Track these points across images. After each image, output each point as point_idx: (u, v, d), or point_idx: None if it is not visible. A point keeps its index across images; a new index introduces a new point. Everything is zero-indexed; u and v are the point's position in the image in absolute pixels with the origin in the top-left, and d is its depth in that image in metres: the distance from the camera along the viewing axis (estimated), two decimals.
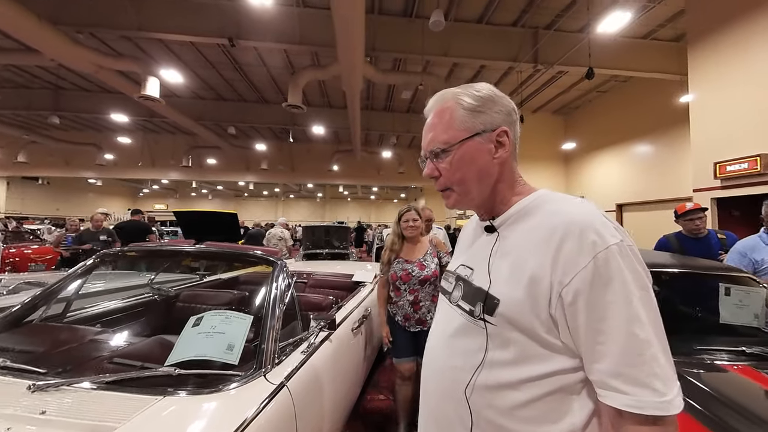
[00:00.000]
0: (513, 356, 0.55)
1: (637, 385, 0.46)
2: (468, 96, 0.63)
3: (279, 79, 9.66)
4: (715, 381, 1.15)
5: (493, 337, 0.57)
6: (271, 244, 5.61)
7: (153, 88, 7.09)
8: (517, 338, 0.55)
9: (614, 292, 0.48)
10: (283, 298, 1.40)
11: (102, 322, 1.75)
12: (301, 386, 1.21)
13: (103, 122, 13.25)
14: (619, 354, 0.47)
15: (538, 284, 0.53)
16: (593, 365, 0.50)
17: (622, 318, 0.48)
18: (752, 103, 4.29)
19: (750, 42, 4.30)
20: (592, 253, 0.50)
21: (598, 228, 0.51)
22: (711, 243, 2.27)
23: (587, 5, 6.22)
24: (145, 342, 1.38)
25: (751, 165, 4.20)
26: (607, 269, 0.49)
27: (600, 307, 0.49)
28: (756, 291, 1.57)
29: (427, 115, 0.68)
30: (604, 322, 0.48)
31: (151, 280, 1.78)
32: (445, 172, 0.64)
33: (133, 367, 1.15)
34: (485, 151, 0.62)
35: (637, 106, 8.97)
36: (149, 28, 6.21)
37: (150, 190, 24.56)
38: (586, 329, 0.50)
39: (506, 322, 0.55)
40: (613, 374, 0.48)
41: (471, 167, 0.63)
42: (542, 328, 0.53)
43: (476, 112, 0.62)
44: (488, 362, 0.57)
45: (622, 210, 9.73)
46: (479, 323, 0.59)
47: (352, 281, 2.78)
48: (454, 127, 0.63)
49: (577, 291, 0.50)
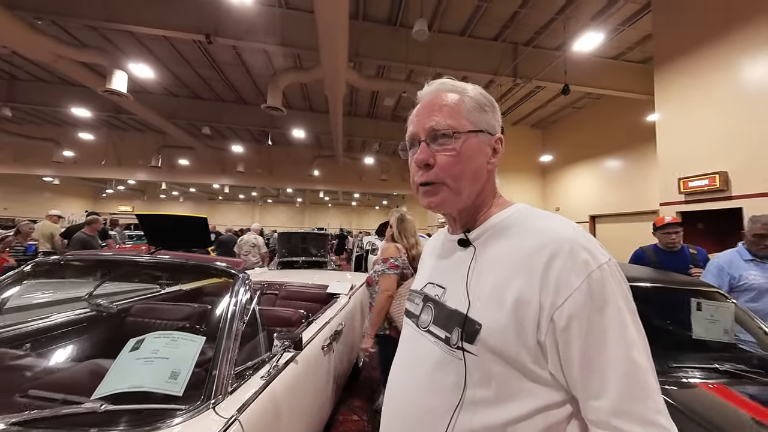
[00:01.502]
0: (495, 393, 0.48)
1: (645, 424, 0.42)
2: (475, 91, 0.59)
3: (259, 80, 9.41)
4: (689, 400, 1.13)
5: (473, 370, 0.49)
6: (243, 252, 5.32)
7: (120, 83, 6.66)
8: (499, 371, 0.48)
9: (610, 317, 0.44)
10: (242, 315, 1.24)
11: (29, 343, 1.51)
12: (258, 418, 1.06)
13: (63, 116, 12.35)
14: (620, 388, 0.43)
15: (525, 307, 0.47)
16: (591, 402, 0.44)
17: (622, 347, 0.43)
18: (713, 123, 4.60)
19: (711, 68, 4.63)
20: (585, 272, 0.45)
21: (588, 246, 0.48)
22: (685, 257, 2.33)
23: (563, 25, 6.52)
24: (73, 369, 1.17)
25: (711, 181, 4.47)
26: (602, 291, 0.45)
27: (597, 334, 0.44)
28: (725, 306, 1.59)
29: (422, 99, 0.61)
30: (603, 352, 0.44)
31: (90, 293, 1.56)
32: (443, 162, 0.55)
33: (51, 401, 0.96)
34: (484, 152, 0.58)
35: (609, 123, 9.48)
36: (118, 19, 5.84)
37: (114, 191, 23.07)
38: (581, 360, 0.44)
39: (488, 350, 0.48)
40: (616, 413, 0.42)
41: (470, 164, 0.56)
42: (529, 358, 0.47)
43: (482, 110, 0.58)
44: (468, 402, 0.49)
45: (595, 221, 10.16)
46: (456, 353, 0.51)
47: (326, 293, 2.63)
48: (462, 116, 0.56)
49: (570, 315, 0.45)
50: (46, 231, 4.63)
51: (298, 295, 2.72)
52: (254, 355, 1.29)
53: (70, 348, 1.51)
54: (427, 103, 0.59)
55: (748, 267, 1.92)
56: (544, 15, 6.39)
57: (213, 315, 1.32)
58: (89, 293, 1.58)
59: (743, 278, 1.90)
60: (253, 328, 1.35)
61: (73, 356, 1.44)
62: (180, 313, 1.76)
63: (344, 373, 2.21)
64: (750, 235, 1.96)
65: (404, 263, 1.77)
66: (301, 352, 1.40)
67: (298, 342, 1.30)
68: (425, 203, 0.58)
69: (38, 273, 1.53)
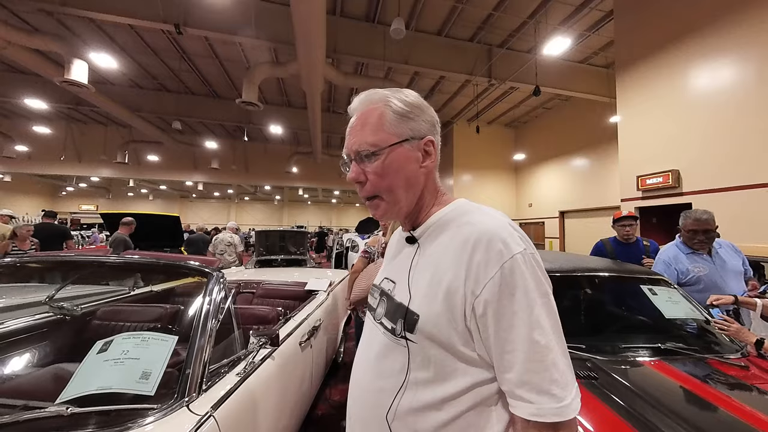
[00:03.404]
0: (433, 374, 0.54)
1: (539, 392, 0.48)
2: (397, 100, 0.61)
3: (233, 74, 9.09)
4: (634, 377, 1.25)
5: (414, 355, 0.55)
6: (218, 251, 5.17)
7: (80, 73, 6.21)
8: (436, 355, 0.54)
9: (518, 301, 0.50)
10: (217, 313, 1.24)
11: None
12: (233, 414, 1.07)
13: (14, 107, 11.36)
14: (522, 362, 0.49)
15: (453, 296, 0.53)
16: (503, 375, 0.51)
17: (525, 326, 0.49)
18: (666, 125, 4.99)
19: (664, 74, 5.01)
20: (499, 262, 0.51)
21: (505, 237, 0.52)
22: (638, 248, 2.52)
23: (534, 29, 6.79)
24: (35, 374, 1.12)
25: (665, 179, 4.86)
26: (512, 278, 0.50)
27: (507, 317, 0.50)
28: (675, 289, 1.77)
29: (352, 114, 0.64)
30: (511, 331, 0.49)
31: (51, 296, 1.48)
32: (372, 178, 0.60)
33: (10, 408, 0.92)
34: (413, 159, 0.61)
35: (576, 124, 9.99)
36: (76, 4, 5.46)
37: (75, 189, 21.54)
38: (495, 339, 0.51)
39: (426, 338, 0.54)
40: (519, 383, 0.49)
41: (399, 174, 0.60)
42: (460, 341, 0.53)
43: (406, 118, 0.60)
44: (411, 383, 0.55)
45: (564, 216, 10.69)
46: (401, 342, 0.57)
47: (305, 290, 2.63)
48: (383, 130, 0.59)
49: (486, 302, 0.50)
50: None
51: (276, 293, 2.70)
52: (230, 353, 1.28)
53: (31, 354, 1.43)
54: (355, 120, 0.63)
55: (692, 260, 1.96)
56: (517, 18, 6.62)
57: (186, 315, 1.30)
58: (50, 296, 1.50)
59: (690, 271, 1.93)
60: (228, 326, 1.34)
61: (35, 362, 1.37)
62: (151, 314, 1.71)
63: (323, 368, 2.22)
64: (684, 230, 2.00)
65: (374, 251, 1.92)
66: (278, 348, 1.41)
67: (275, 338, 1.31)
68: (373, 215, 0.65)
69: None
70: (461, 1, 6.13)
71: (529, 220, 11.82)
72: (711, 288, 1.87)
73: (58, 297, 1.53)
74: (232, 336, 1.35)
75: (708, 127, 4.46)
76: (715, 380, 1.23)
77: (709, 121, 4.44)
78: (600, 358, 1.34)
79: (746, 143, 4.06)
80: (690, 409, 1.06)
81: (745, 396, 1.14)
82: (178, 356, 1.09)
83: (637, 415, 1.02)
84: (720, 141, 4.32)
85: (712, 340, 1.55)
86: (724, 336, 1.53)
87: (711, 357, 1.40)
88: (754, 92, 4.00)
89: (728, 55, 4.24)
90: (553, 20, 6.54)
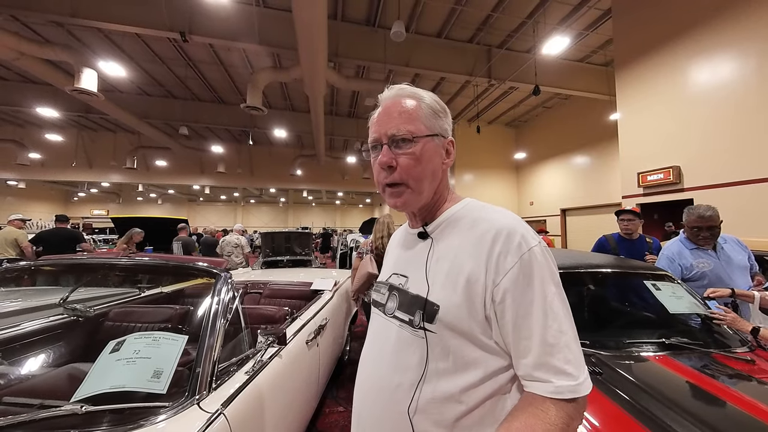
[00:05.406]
0: (452, 364, 0.55)
1: (556, 373, 0.51)
2: (430, 98, 0.65)
3: (237, 79, 9.22)
4: (639, 372, 1.25)
5: (434, 346, 0.56)
6: (225, 252, 5.24)
7: (89, 81, 6.35)
8: (456, 344, 0.55)
9: (536, 290, 0.53)
10: (225, 313, 1.27)
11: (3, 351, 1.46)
12: (242, 412, 1.09)
13: (27, 116, 11.65)
14: (539, 345, 0.51)
15: (474, 285, 0.55)
16: (520, 361, 0.53)
17: (541, 313, 0.52)
18: (666, 122, 4.94)
19: (664, 71, 4.96)
20: (518, 254, 0.54)
21: (522, 232, 0.56)
22: (642, 244, 2.50)
23: (533, 29, 6.78)
24: (50, 374, 1.16)
25: (665, 175, 4.82)
26: (531, 268, 0.53)
27: (524, 305, 0.52)
28: (678, 284, 1.75)
29: (382, 103, 0.66)
30: (528, 318, 0.52)
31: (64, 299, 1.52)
32: (405, 163, 0.61)
33: (28, 407, 0.96)
34: (439, 154, 0.64)
35: (576, 122, 9.94)
36: (85, 15, 5.59)
37: (87, 194, 21.95)
38: (513, 326, 0.53)
39: (446, 327, 0.56)
40: (537, 366, 0.51)
41: (429, 165, 0.62)
42: (479, 330, 0.55)
43: (437, 116, 0.64)
44: (430, 374, 0.56)
45: (565, 214, 10.61)
46: (419, 333, 0.58)
47: (310, 290, 2.66)
48: (419, 121, 0.62)
49: (506, 290, 0.53)
50: (10, 237, 4.38)
51: (282, 293, 2.73)
52: (238, 352, 1.31)
53: (46, 354, 1.48)
54: (388, 108, 0.64)
55: (696, 256, 1.94)
56: (515, 19, 6.62)
57: (195, 315, 1.33)
58: (63, 298, 1.55)
59: (695, 267, 1.91)
60: (236, 326, 1.37)
61: (50, 362, 1.42)
62: (161, 314, 1.75)
63: (329, 366, 2.24)
64: (688, 226, 1.98)
65: (365, 251, 2.29)
66: (285, 347, 1.43)
67: (282, 337, 1.33)
68: (391, 203, 0.65)
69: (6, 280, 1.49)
70: (460, 2, 6.15)
71: (530, 218, 11.72)
72: (716, 283, 1.84)
73: (72, 299, 1.58)
74: (240, 335, 1.38)
75: (708, 122, 4.41)
76: (720, 374, 1.22)
77: (709, 116, 4.39)
78: (604, 354, 1.34)
79: (747, 138, 4.01)
80: (696, 404, 1.05)
81: (752, 390, 1.13)
82: (188, 355, 1.11)
83: (643, 409, 1.02)
84: (720, 136, 4.27)
85: (716, 335, 1.54)
86: (725, 328, 1.52)
87: (716, 351, 1.39)
88: (754, 87, 3.95)
89: (727, 51, 4.19)
90: (551, 20, 6.52)
